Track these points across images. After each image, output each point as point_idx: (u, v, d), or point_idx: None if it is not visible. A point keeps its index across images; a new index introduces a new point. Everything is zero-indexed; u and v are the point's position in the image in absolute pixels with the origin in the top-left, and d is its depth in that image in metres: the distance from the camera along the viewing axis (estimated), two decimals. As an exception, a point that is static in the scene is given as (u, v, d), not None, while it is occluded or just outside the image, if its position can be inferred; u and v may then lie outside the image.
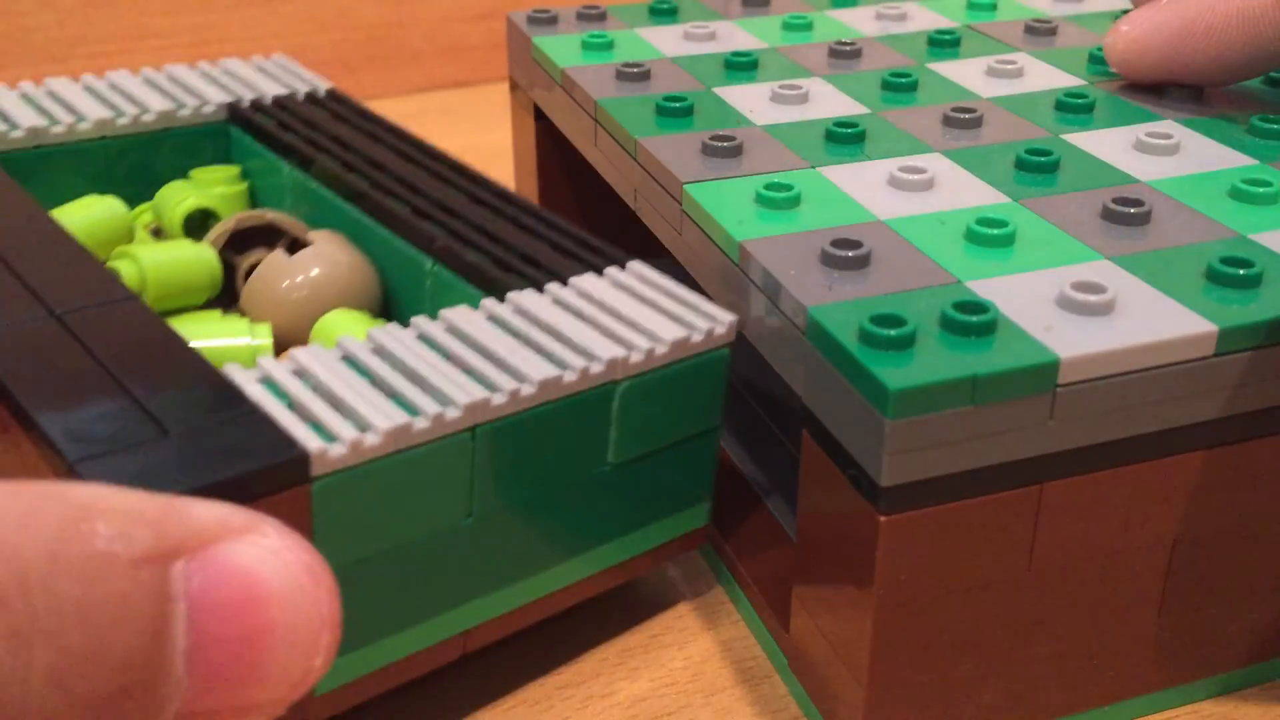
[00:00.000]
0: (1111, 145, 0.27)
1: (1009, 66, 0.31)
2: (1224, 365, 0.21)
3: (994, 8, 0.37)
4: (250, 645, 0.15)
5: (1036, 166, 0.26)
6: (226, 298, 0.30)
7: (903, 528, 0.20)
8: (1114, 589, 0.22)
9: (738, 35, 0.35)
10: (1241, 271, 0.21)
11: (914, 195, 0.25)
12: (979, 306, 0.20)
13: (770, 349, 0.23)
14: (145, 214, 0.32)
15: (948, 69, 0.32)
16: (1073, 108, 0.29)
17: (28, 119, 0.31)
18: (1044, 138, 0.27)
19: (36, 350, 0.20)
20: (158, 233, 0.31)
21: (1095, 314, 0.20)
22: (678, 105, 0.29)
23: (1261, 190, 0.24)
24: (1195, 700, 0.24)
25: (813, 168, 0.26)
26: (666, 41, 0.34)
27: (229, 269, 0.30)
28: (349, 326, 0.27)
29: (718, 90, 0.30)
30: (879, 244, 0.23)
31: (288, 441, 0.19)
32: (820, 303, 0.21)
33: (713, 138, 0.27)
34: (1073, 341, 0.20)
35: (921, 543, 0.20)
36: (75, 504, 0.15)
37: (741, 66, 0.32)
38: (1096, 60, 0.32)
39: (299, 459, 0.18)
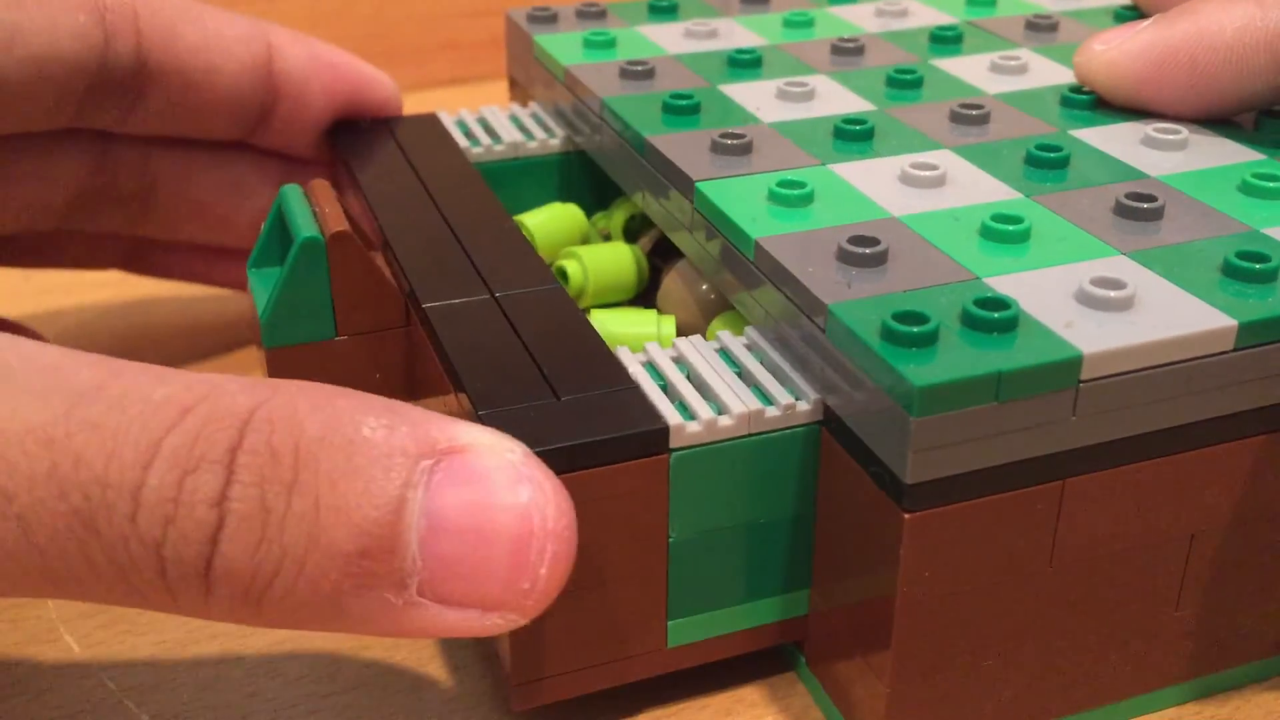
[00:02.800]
0: (1119, 140, 0.27)
1: (1012, 63, 0.31)
2: (1243, 360, 0.21)
3: (993, 3, 0.37)
4: (478, 540, 0.18)
5: (1047, 162, 0.26)
6: (650, 296, 0.32)
7: (927, 525, 0.20)
8: (1133, 583, 0.22)
9: (739, 32, 0.35)
10: (1258, 266, 0.21)
11: (926, 192, 0.25)
12: (1000, 303, 0.20)
13: (787, 346, 0.23)
14: (601, 220, 0.34)
15: (951, 65, 0.32)
16: (1079, 103, 0.29)
17: (509, 135, 0.34)
18: (1052, 133, 0.27)
19: (475, 322, 0.24)
20: (607, 237, 0.34)
21: (1116, 310, 0.20)
22: (685, 103, 0.29)
23: (1272, 185, 0.24)
24: (1213, 693, 0.24)
25: (823, 165, 0.26)
26: (668, 39, 0.34)
27: (656, 271, 0.32)
28: (733, 329, 0.27)
29: (723, 88, 0.30)
30: (895, 241, 0.23)
31: (654, 415, 0.21)
32: (840, 300, 0.21)
33: (722, 135, 0.27)
34: (1095, 337, 0.20)
35: (945, 540, 0.20)
36: (356, 401, 0.19)
37: (745, 64, 0.32)
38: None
39: (660, 431, 0.21)
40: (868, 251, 0.22)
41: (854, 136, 0.27)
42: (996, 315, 0.20)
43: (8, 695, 0.24)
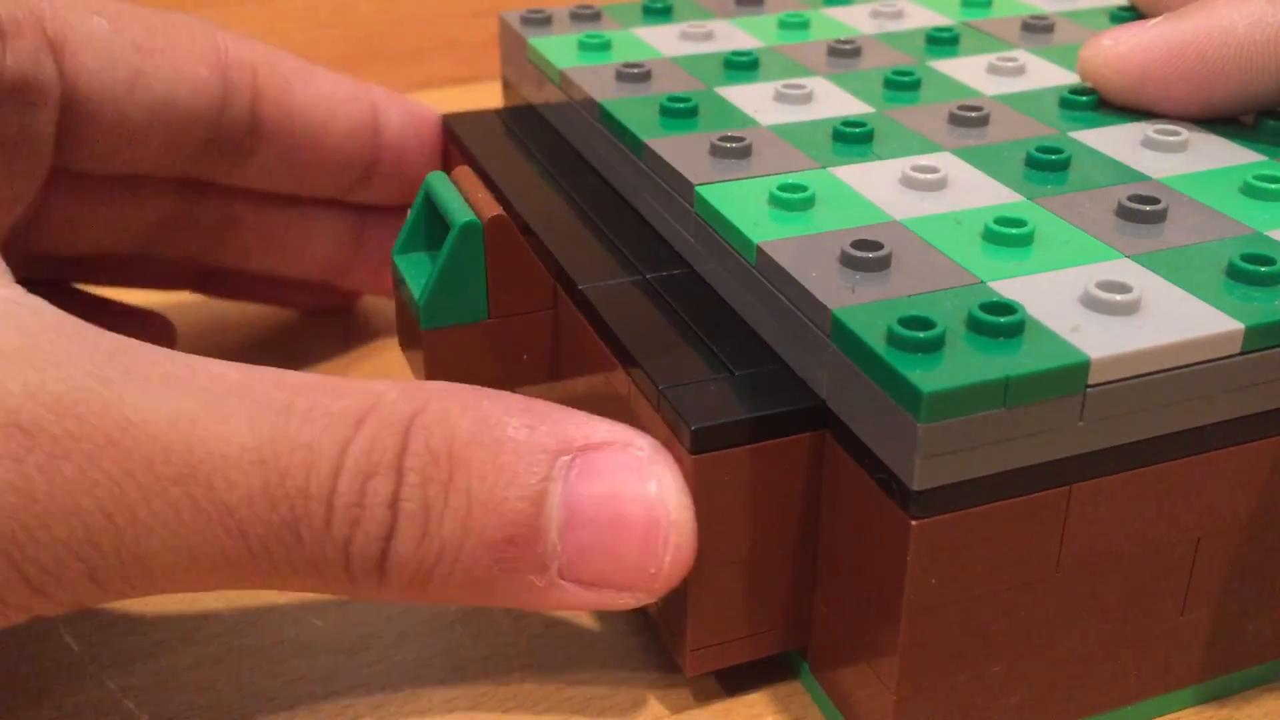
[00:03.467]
0: (1120, 142, 0.27)
1: (1010, 64, 0.31)
2: (1250, 363, 0.20)
3: (989, 4, 0.37)
4: (608, 529, 0.21)
5: (1048, 165, 0.25)
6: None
7: (934, 531, 0.20)
8: (1139, 588, 0.22)
9: (735, 34, 0.35)
10: (1264, 269, 0.21)
11: (928, 195, 0.25)
12: (1006, 307, 0.20)
13: (791, 352, 0.22)
14: None
15: (948, 67, 0.32)
16: (1078, 105, 0.29)
17: None
18: (1052, 135, 0.27)
19: (633, 303, 0.25)
20: None
21: (1122, 314, 0.20)
22: (682, 106, 0.28)
23: (1274, 186, 0.24)
24: (1219, 697, 0.24)
25: (823, 168, 0.26)
26: (664, 41, 0.34)
27: None
28: None
29: (720, 90, 0.30)
30: (898, 245, 0.23)
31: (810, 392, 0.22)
32: (844, 305, 0.21)
33: (721, 138, 0.26)
34: (1102, 342, 0.20)
35: (952, 546, 0.20)
36: (501, 403, 0.21)
37: (742, 66, 0.32)
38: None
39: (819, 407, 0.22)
40: (871, 255, 0.22)
41: (853, 139, 0.27)
42: (1003, 320, 0.20)
43: (8, 695, 0.24)
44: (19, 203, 0.28)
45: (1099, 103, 0.29)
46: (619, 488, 0.21)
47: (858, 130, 0.27)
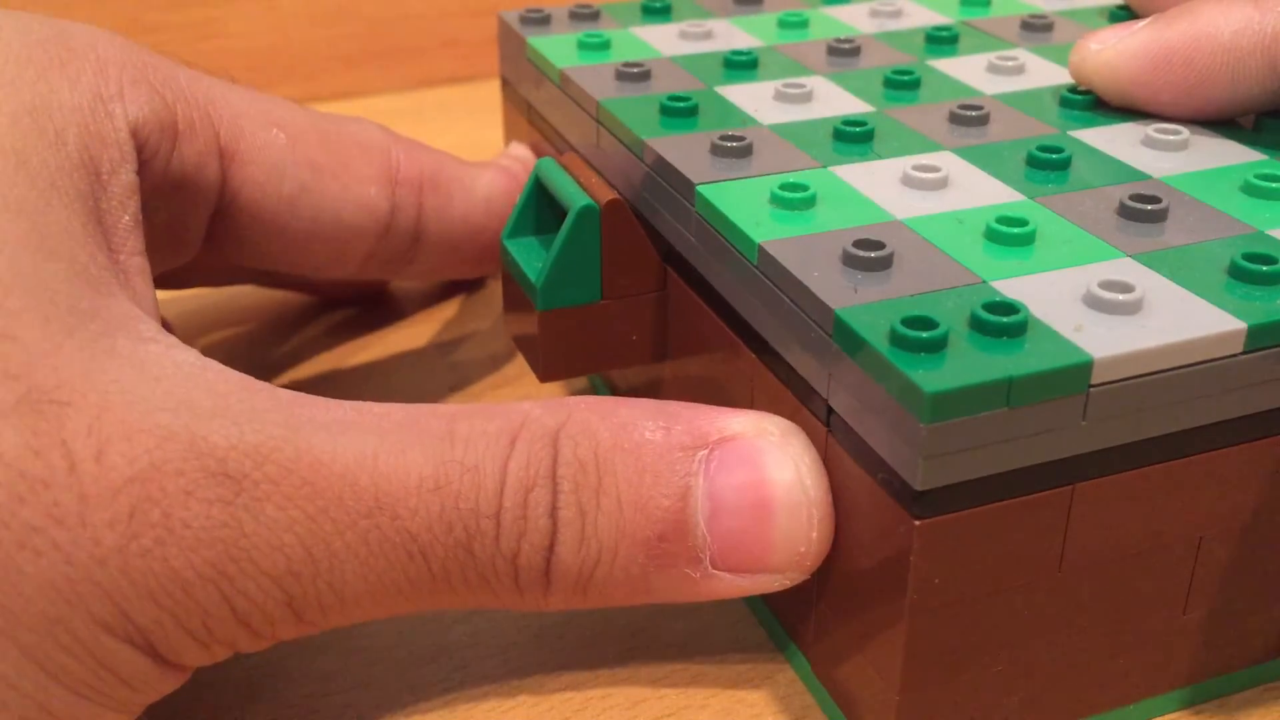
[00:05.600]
0: (1120, 141, 0.27)
1: (1009, 63, 0.31)
2: (1252, 362, 0.20)
3: (988, 3, 0.37)
4: (754, 515, 0.22)
5: (1049, 164, 0.25)
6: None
7: (937, 531, 0.20)
8: (1141, 587, 0.22)
9: (734, 34, 0.35)
10: (1265, 268, 0.21)
11: (929, 194, 0.25)
12: (1009, 307, 0.20)
13: (793, 352, 0.22)
14: None
15: (948, 66, 0.32)
16: (1078, 104, 0.29)
17: None
18: (1052, 134, 0.27)
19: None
20: None
21: (1124, 313, 0.20)
22: (682, 105, 0.28)
23: (1274, 185, 0.24)
24: (1221, 695, 0.24)
25: (824, 167, 0.26)
26: (663, 41, 0.34)
27: None
28: None
29: (720, 90, 0.30)
30: (900, 244, 0.23)
31: None
32: (846, 304, 0.21)
33: (721, 138, 0.26)
34: (1105, 342, 0.20)
35: (955, 546, 0.20)
36: (635, 409, 0.22)
37: (742, 65, 0.32)
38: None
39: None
40: (873, 255, 0.22)
41: (854, 138, 0.27)
42: (1006, 320, 0.20)
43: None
44: (160, 268, 0.29)
45: (1098, 102, 0.29)
46: (757, 474, 0.22)
47: (858, 129, 0.27)
